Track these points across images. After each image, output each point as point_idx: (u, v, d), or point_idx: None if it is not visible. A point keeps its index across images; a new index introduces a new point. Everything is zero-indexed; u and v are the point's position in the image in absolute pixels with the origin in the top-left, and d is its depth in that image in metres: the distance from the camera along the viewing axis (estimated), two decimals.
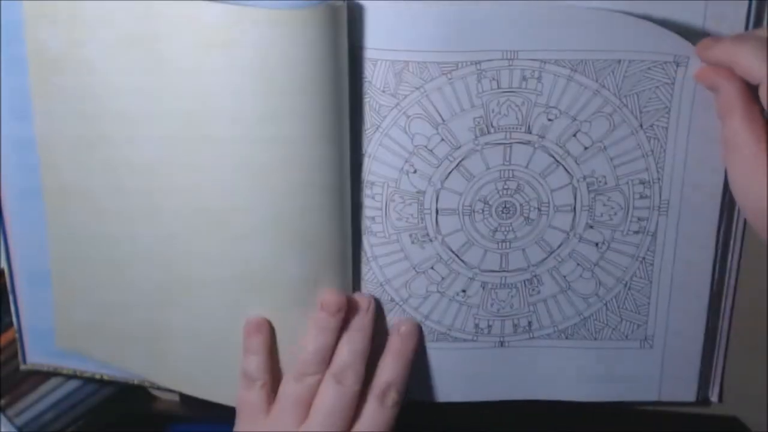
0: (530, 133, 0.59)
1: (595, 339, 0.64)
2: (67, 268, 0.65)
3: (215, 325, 0.63)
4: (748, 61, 0.53)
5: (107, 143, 0.61)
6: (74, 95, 0.61)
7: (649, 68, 0.57)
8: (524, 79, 0.58)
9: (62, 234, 0.64)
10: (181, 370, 0.65)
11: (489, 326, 0.63)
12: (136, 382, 0.68)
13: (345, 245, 0.61)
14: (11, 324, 0.68)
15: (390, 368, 0.62)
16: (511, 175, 0.60)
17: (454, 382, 0.65)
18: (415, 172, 0.60)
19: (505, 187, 0.60)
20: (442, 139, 0.59)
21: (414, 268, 0.62)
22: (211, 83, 0.57)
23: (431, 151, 0.59)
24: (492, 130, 0.59)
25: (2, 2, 0.61)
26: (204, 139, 0.58)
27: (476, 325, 0.63)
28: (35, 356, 0.68)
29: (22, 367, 0.69)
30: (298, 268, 0.60)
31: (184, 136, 0.59)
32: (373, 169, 0.60)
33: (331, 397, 0.60)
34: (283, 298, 0.61)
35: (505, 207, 0.60)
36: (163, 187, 0.61)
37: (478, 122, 0.59)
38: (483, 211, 0.61)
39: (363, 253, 0.62)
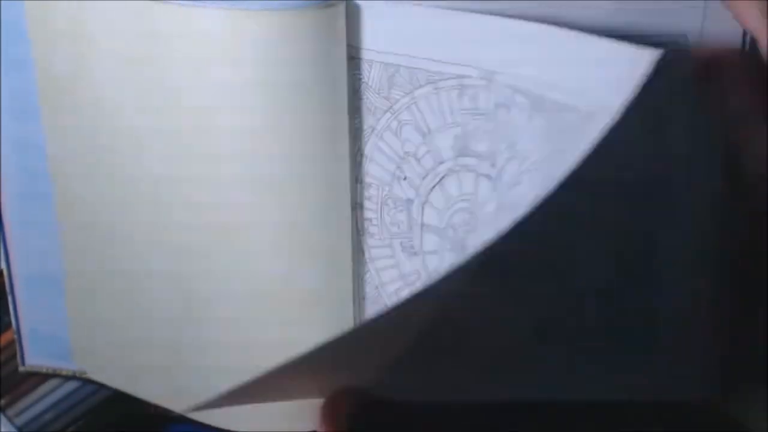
0: (493, 166, 0.58)
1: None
2: (82, 286, 0.65)
3: (230, 346, 0.63)
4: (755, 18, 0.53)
5: (114, 159, 0.61)
6: (82, 112, 0.61)
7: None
8: (497, 105, 0.57)
9: (77, 250, 0.64)
10: (197, 397, 0.65)
11: None
12: None
13: (356, 257, 0.61)
14: (11, 324, 0.68)
15: None
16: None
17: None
18: (405, 179, 0.60)
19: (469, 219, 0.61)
20: (428, 151, 0.59)
21: (402, 278, 0.62)
22: (215, 97, 0.57)
23: (419, 160, 0.59)
24: (469, 153, 0.59)
25: (2, 2, 0.61)
26: (211, 154, 0.58)
27: None
28: (34, 358, 0.68)
29: (21, 369, 0.69)
30: (312, 282, 0.60)
31: (191, 152, 0.59)
32: (369, 170, 0.60)
33: None
34: (297, 312, 0.61)
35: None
36: (174, 204, 0.60)
37: (458, 141, 0.58)
38: (453, 238, 0.61)
39: (363, 254, 0.62)
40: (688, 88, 0.52)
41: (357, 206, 0.61)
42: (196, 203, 0.60)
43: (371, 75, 0.58)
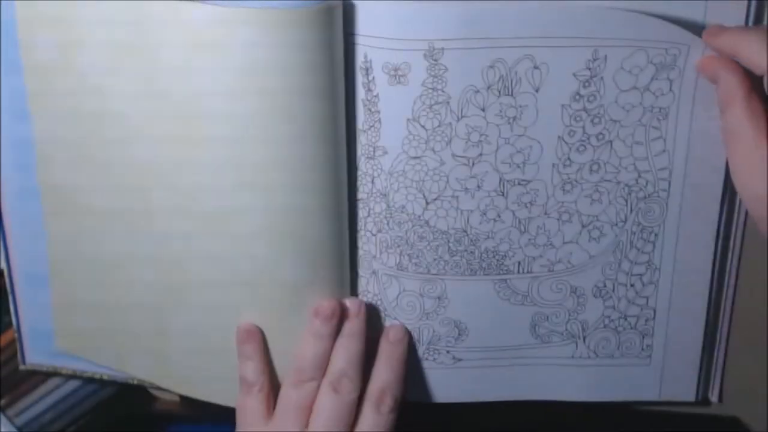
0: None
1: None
2: (65, 270, 0.65)
3: (215, 326, 0.63)
4: (752, 51, 0.53)
5: (102, 145, 0.61)
6: (69, 99, 0.61)
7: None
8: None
9: (60, 237, 0.64)
10: (181, 372, 0.65)
11: None
12: (135, 382, 0.67)
13: (342, 246, 0.61)
14: (11, 324, 0.68)
15: (382, 374, 0.62)
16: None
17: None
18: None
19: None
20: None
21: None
22: (203, 84, 0.57)
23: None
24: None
25: (1, 2, 0.61)
26: (199, 140, 0.59)
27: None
28: (34, 357, 0.68)
29: (22, 367, 0.69)
30: (296, 269, 0.60)
31: (179, 137, 0.59)
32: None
33: (328, 405, 0.60)
34: (281, 299, 0.61)
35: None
36: (160, 188, 0.61)
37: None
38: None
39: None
40: None
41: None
42: (181, 189, 0.60)
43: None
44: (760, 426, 0.66)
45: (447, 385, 0.65)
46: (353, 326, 0.61)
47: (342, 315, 0.61)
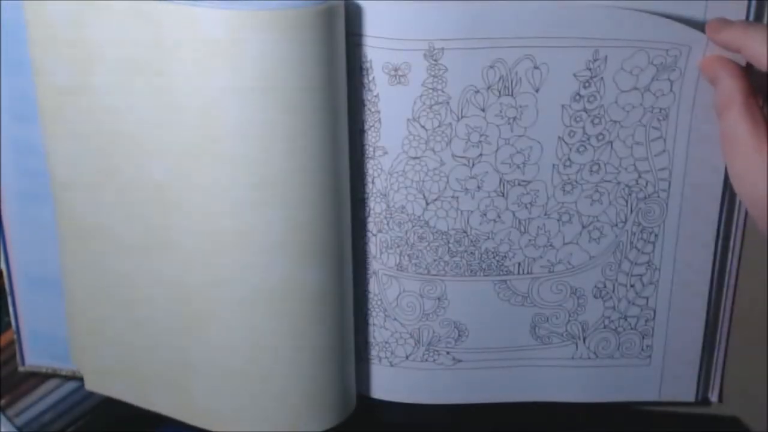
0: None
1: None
2: (86, 306, 0.65)
3: (237, 352, 0.62)
4: (758, 46, 0.53)
5: (118, 171, 0.60)
6: (84, 125, 0.60)
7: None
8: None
9: (78, 267, 0.64)
10: (205, 405, 0.64)
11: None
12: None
13: (346, 247, 0.61)
14: (11, 324, 0.68)
15: None
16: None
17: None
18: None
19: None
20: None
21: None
22: (217, 101, 0.56)
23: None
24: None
25: (2, 3, 0.61)
26: (214, 159, 0.58)
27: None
28: (34, 358, 0.68)
29: (21, 369, 0.69)
30: (317, 281, 0.60)
31: (194, 157, 0.58)
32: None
33: None
34: (303, 313, 0.61)
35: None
36: (176, 209, 0.60)
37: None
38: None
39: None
40: None
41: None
42: (197, 208, 0.59)
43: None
44: (760, 426, 0.66)
45: (447, 387, 0.65)
46: None
47: None
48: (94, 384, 0.67)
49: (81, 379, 0.70)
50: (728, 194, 0.60)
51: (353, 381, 0.65)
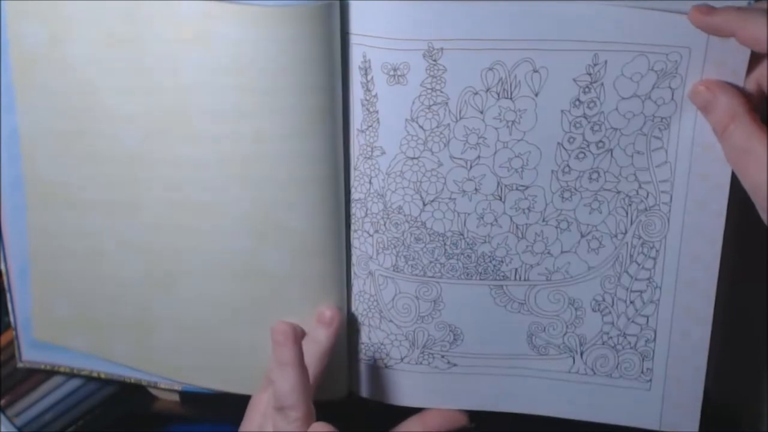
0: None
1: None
2: (47, 260, 0.66)
3: (200, 314, 0.64)
4: (756, 29, 0.52)
5: (89, 137, 0.62)
6: (57, 91, 0.61)
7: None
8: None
9: (42, 227, 0.65)
10: (167, 359, 0.65)
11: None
12: (133, 380, 0.68)
13: (335, 243, 0.62)
14: (11, 324, 0.68)
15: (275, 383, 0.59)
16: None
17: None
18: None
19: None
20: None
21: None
22: (190, 80, 0.58)
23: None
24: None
25: None
26: (185, 135, 0.60)
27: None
28: (30, 353, 0.68)
29: (19, 364, 0.69)
30: (279, 261, 0.61)
31: (166, 132, 0.60)
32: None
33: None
34: (265, 289, 0.62)
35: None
36: (145, 181, 0.61)
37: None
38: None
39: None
40: None
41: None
42: (168, 181, 0.61)
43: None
44: (760, 426, 0.65)
45: (441, 390, 0.64)
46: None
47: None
48: (45, 333, 0.67)
49: (81, 377, 0.70)
50: (735, 215, 0.59)
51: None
